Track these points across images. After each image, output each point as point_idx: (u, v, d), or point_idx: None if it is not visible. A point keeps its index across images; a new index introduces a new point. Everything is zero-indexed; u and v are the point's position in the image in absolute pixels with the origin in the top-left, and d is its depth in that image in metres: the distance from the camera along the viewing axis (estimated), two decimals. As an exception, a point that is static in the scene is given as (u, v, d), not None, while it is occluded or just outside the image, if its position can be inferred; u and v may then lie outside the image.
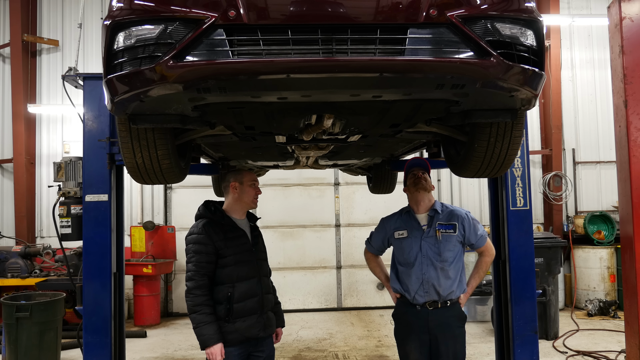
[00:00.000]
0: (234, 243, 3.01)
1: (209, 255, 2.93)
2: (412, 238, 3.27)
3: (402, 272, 3.29)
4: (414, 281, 3.21)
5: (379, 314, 8.52)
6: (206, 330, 2.85)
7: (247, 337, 2.97)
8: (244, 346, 2.99)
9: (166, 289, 8.81)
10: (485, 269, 3.37)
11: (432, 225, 3.26)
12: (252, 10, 1.91)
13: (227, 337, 2.91)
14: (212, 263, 2.93)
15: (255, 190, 3.17)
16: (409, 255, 3.25)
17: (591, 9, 9.48)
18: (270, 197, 8.66)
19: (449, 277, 3.19)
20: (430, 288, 3.18)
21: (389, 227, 3.42)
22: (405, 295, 3.26)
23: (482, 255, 3.38)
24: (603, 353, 5.87)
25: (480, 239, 3.32)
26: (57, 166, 5.10)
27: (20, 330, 5.15)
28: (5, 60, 9.16)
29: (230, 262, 2.96)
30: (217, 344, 2.85)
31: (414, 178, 3.33)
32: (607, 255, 8.39)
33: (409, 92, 2.15)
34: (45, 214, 8.82)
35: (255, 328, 2.99)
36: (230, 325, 2.92)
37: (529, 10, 2.09)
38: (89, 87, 3.86)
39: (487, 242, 3.36)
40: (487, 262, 3.38)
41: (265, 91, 2.08)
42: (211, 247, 2.93)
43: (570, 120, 9.38)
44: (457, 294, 3.24)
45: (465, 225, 3.27)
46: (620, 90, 3.15)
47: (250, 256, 3.06)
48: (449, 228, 3.25)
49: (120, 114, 2.29)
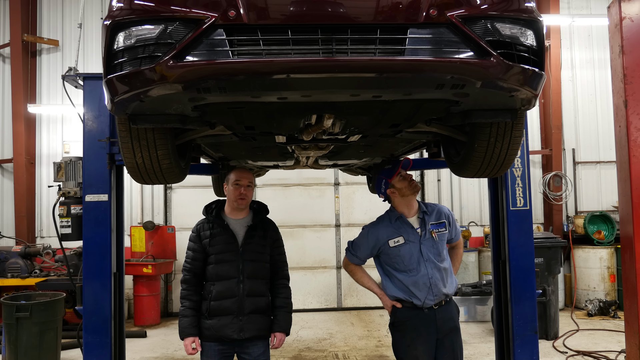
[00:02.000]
0: (218, 241, 3.10)
1: (196, 253, 3.13)
2: (410, 243, 3.20)
3: (405, 280, 3.18)
4: (422, 286, 3.15)
5: (379, 314, 8.52)
6: (182, 322, 3.05)
7: (221, 336, 3.04)
8: (226, 344, 3.06)
9: (166, 289, 8.81)
10: (460, 259, 3.55)
11: (426, 227, 3.24)
12: (252, 10, 1.91)
13: (204, 332, 3.06)
14: (197, 261, 3.11)
15: (238, 190, 3.16)
16: (409, 262, 3.18)
17: (591, 9, 9.48)
18: (270, 197, 8.66)
19: (449, 274, 3.25)
20: (438, 290, 3.17)
21: (380, 236, 3.25)
22: (413, 301, 3.17)
23: (456, 247, 3.54)
24: (603, 353, 5.87)
25: (458, 232, 3.48)
26: (57, 166, 5.10)
27: (20, 330, 5.15)
28: (5, 60, 9.16)
29: (212, 260, 3.10)
30: (188, 337, 3.01)
31: (406, 181, 3.26)
32: (607, 255, 8.39)
33: (409, 92, 2.15)
34: (45, 214, 8.82)
35: (229, 329, 3.02)
36: (208, 321, 3.05)
37: (529, 10, 2.09)
38: (89, 87, 3.86)
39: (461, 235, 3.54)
40: (461, 253, 3.58)
41: (265, 91, 2.08)
42: (199, 245, 3.12)
43: (570, 120, 9.37)
44: (455, 287, 3.33)
45: (450, 220, 3.38)
46: (620, 90, 3.15)
47: (233, 256, 3.09)
48: (441, 227, 3.29)
49: (120, 114, 2.29)
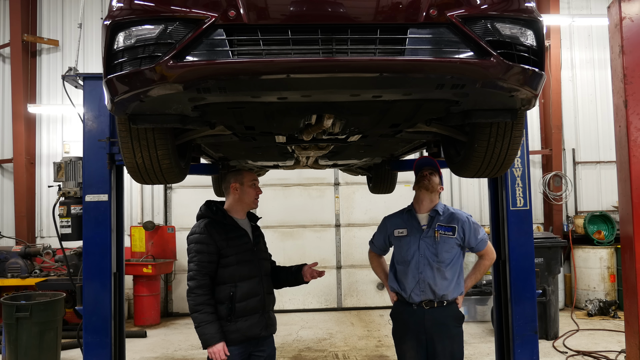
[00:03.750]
0: (236, 243, 3.01)
1: (211, 255, 2.93)
2: (411, 237, 3.29)
3: (400, 271, 3.30)
4: (411, 280, 3.23)
5: (379, 314, 8.52)
6: (208, 329, 2.86)
7: (249, 336, 2.97)
8: (245, 345, 2.99)
9: (166, 289, 8.81)
10: (482, 271, 3.40)
11: (432, 226, 3.27)
12: (252, 10, 1.91)
13: (229, 336, 2.92)
14: (213, 263, 2.94)
15: (256, 191, 3.17)
16: (406, 254, 3.28)
17: (591, 9, 9.48)
18: (270, 197, 8.66)
19: (445, 278, 3.21)
20: (426, 287, 3.20)
21: (389, 225, 3.45)
22: (402, 294, 3.28)
23: (481, 258, 3.40)
24: (603, 353, 5.86)
25: (480, 242, 3.33)
26: (57, 166, 5.09)
27: (20, 330, 5.14)
28: (5, 60, 9.16)
29: (232, 261, 2.97)
30: (219, 343, 2.85)
31: (418, 177, 3.36)
32: (607, 255, 8.39)
33: (409, 92, 2.16)
34: (45, 214, 8.82)
35: (257, 327, 3.00)
36: (232, 324, 2.92)
37: (529, 10, 2.09)
38: (89, 87, 3.86)
39: (487, 246, 3.37)
40: (486, 266, 3.40)
41: (265, 91, 2.08)
42: (213, 246, 2.94)
43: (570, 120, 9.37)
44: (453, 295, 3.24)
45: (465, 228, 3.28)
46: (620, 90, 3.15)
47: (251, 256, 3.06)
48: (448, 230, 3.26)
49: (120, 114, 2.30)
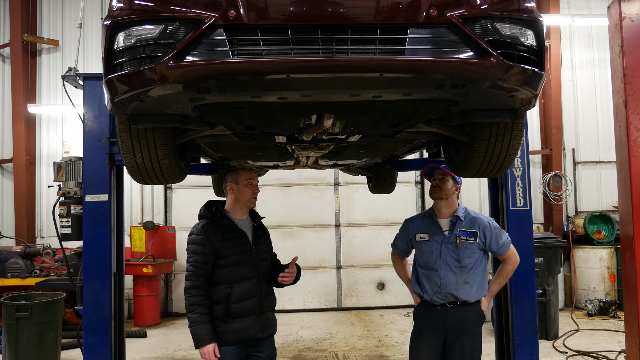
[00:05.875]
0: (233, 244, 3.00)
1: (206, 256, 2.94)
2: (433, 242, 3.29)
3: (422, 275, 3.31)
4: (433, 284, 3.25)
5: (379, 314, 8.52)
6: (199, 330, 2.87)
7: (245, 337, 2.97)
8: (242, 346, 2.99)
9: (166, 289, 8.81)
10: (505, 275, 3.39)
11: (454, 232, 3.27)
12: (252, 10, 1.91)
13: (224, 337, 2.92)
14: (209, 264, 2.95)
15: (252, 190, 3.13)
16: (428, 259, 3.28)
17: (591, 9, 9.48)
18: (270, 197, 8.66)
19: (467, 282, 3.21)
20: (448, 293, 3.21)
21: (411, 229, 3.44)
22: (424, 296, 3.29)
23: (504, 262, 3.39)
24: (603, 353, 5.87)
25: (502, 247, 3.31)
26: (57, 166, 5.09)
27: (20, 330, 5.14)
28: (5, 60, 9.16)
29: (229, 262, 2.96)
30: (210, 344, 2.86)
31: (430, 187, 3.37)
32: (607, 255, 8.39)
33: (409, 92, 2.15)
34: (45, 214, 8.82)
35: (253, 329, 2.99)
36: (228, 325, 2.92)
37: (529, 10, 2.09)
38: (89, 87, 3.86)
39: (509, 250, 3.35)
40: (508, 270, 3.38)
41: (265, 91, 2.08)
42: (209, 248, 2.94)
43: (570, 120, 9.37)
44: (477, 297, 3.25)
45: (486, 233, 3.27)
46: (620, 90, 3.15)
47: (249, 257, 3.05)
48: (470, 235, 3.25)
49: (120, 114, 2.29)
